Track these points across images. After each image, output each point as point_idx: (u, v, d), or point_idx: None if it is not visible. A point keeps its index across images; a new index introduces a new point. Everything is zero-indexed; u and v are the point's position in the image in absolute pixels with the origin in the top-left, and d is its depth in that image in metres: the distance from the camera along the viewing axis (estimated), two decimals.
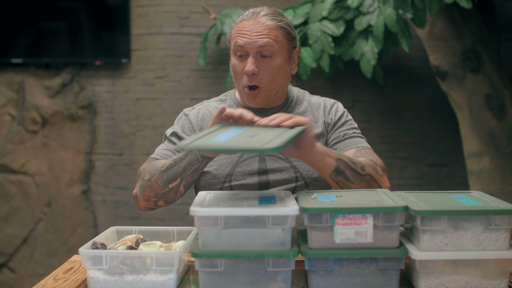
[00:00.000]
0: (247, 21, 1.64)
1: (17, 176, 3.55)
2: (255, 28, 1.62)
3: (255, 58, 1.62)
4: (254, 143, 1.21)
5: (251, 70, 1.61)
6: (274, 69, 1.64)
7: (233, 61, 1.67)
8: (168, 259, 1.23)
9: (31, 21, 3.45)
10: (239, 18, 1.69)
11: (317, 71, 3.28)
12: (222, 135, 1.31)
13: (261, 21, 1.63)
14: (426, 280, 1.23)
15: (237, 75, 1.67)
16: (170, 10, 3.49)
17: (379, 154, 3.47)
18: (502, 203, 1.25)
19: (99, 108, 3.53)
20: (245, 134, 1.32)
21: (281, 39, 1.65)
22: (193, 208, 1.21)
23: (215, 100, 1.81)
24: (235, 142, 1.24)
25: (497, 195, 2.84)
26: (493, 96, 2.93)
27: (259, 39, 1.61)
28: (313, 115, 1.74)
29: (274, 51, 1.63)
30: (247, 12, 1.68)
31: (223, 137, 1.29)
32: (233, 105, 1.76)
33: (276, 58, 1.64)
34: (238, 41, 1.63)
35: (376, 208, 1.20)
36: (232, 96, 1.79)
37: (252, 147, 1.20)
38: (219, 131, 1.36)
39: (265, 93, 1.65)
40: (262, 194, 1.37)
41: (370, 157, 1.68)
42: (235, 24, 1.68)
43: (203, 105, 1.79)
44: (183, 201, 3.54)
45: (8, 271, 3.57)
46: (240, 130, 1.36)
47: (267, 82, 1.64)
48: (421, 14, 2.56)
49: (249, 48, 1.62)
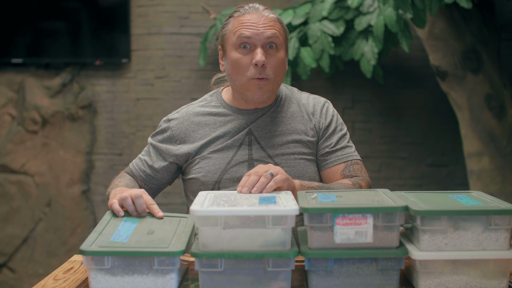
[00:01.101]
0: (250, 15, 1.64)
1: (17, 176, 3.55)
2: (260, 20, 1.62)
3: (263, 49, 1.61)
4: (159, 244, 1.25)
5: (262, 60, 1.59)
6: (279, 61, 1.63)
7: (235, 55, 1.63)
8: (169, 259, 1.23)
9: (31, 21, 3.45)
10: (237, 13, 1.67)
11: (317, 71, 3.28)
12: (118, 231, 1.33)
13: (264, 14, 1.64)
14: (426, 280, 1.23)
15: (241, 68, 1.62)
16: (170, 10, 3.49)
17: (379, 154, 3.49)
18: (502, 203, 1.25)
19: (99, 108, 3.53)
20: (141, 229, 1.34)
21: (282, 33, 1.66)
22: (193, 208, 1.21)
23: (199, 102, 1.77)
24: (136, 243, 1.26)
25: (497, 195, 2.84)
26: (493, 96, 2.93)
27: (267, 29, 1.61)
28: (302, 117, 1.72)
29: (280, 43, 1.63)
30: (245, 7, 1.67)
31: (122, 234, 1.31)
32: (220, 107, 1.73)
33: (280, 50, 1.64)
34: (244, 32, 1.61)
35: (376, 208, 1.20)
36: (218, 97, 1.75)
37: (158, 250, 1.22)
38: (114, 225, 1.37)
39: (271, 85, 1.64)
40: (262, 194, 1.37)
41: (357, 176, 1.68)
42: (234, 19, 1.66)
43: (185, 110, 1.76)
44: (183, 201, 3.54)
45: (8, 271, 3.57)
46: (134, 223, 1.37)
47: (273, 75, 1.63)
48: (421, 14, 2.56)
49: (257, 39, 1.61)
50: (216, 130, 1.69)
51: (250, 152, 1.66)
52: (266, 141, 1.67)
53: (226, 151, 1.67)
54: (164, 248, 1.23)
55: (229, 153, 1.67)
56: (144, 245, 1.25)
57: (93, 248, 1.23)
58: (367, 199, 1.28)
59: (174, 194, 3.49)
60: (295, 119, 1.71)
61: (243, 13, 1.65)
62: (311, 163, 1.69)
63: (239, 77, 1.63)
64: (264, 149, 1.66)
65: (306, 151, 1.69)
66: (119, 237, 1.29)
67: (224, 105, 1.73)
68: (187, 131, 1.71)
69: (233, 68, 1.64)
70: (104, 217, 1.41)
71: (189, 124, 1.72)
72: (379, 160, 3.48)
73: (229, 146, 1.67)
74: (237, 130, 1.68)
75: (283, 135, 1.68)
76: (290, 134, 1.69)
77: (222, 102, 1.73)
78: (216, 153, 1.67)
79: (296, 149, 1.68)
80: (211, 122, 1.71)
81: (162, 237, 1.29)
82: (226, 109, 1.72)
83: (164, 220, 1.41)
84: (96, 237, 1.29)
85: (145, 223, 1.38)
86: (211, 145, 1.68)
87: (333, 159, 1.70)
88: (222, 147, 1.67)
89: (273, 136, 1.67)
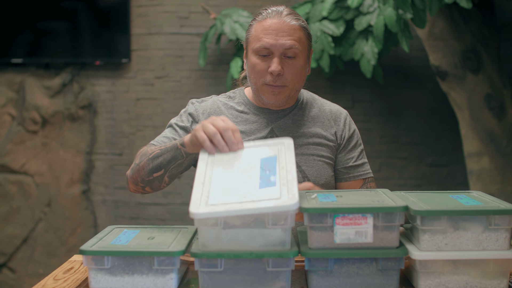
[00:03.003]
0: (272, 19, 1.63)
1: (17, 176, 3.55)
2: (281, 27, 1.61)
3: (280, 58, 1.62)
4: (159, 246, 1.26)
5: (277, 70, 1.61)
6: (298, 69, 1.64)
7: (254, 59, 1.65)
8: (169, 259, 1.23)
9: (31, 21, 3.45)
10: (260, 16, 1.67)
11: (317, 71, 3.28)
12: (118, 237, 1.34)
13: (286, 21, 1.62)
14: (426, 280, 1.23)
15: (257, 73, 1.65)
16: (170, 10, 3.49)
17: (379, 154, 3.49)
18: (502, 203, 1.25)
19: (99, 108, 3.53)
20: (142, 236, 1.35)
21: (304, 40, 1.65)
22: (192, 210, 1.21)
23: (223, 96, 1.80)
24: (137, 245, 1.27)
25: (497, 195, 2.84)
26: (493, 96, 2.93)
27: (286, 40, 1.61)
28: (323, 122, 1.74)
29: (298, 52, 1.63)
30: (268, 10, 1.66)
31: (122, 239, 1.32)
32: (241, 103, 1.74)
33: (299, 59, 1.64)
34: (264, 41, 1.61)
35: (376, 208, 1.20)
36: (241, 94, 1.78)
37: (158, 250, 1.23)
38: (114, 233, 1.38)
39: (288, 92, 1.65)
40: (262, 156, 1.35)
41: None
42: (257, 22, 1.66)
43: (212, 99, 1.77)
44: (183, 201, 3.55)
45: (8, 271, 3.57)
46: (135, 233, 1.38)
47: (291, 82, 1.64)
48: (421, 14, 2.56)
49: (275, 49, 1.61)
50: (239, 126, 1.70)
51: None
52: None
53: None
54: (164, 249, 1.23)
55: None
56: (144, 247, 1.25)
57: (93, 248, 1.23)
58: (367, 199, 1.28)
59: (174, 194, 3.49)
60: (316, 123, 1.74)
61: (265, 17, 1.65)
62: (329, 167, 1.72)
63: (255, 81, 1.66)
64: None
65: (325, 154, 1.72)
66: (120, 241, 1.30)
67: (247, 102, 1.75)
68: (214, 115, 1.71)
69: (251, 71, 1.67)
70: (104, 230, 1.43)
71: (215, 109, 1.73)
72: (379, 160, 3.48)
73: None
74: (260, 129, 1.70)
75: (304, 136, 1.71)
76: (311, 137, 1.71)
77: (245, 100, 1.75)
78: None
79: (316, 151, 1.70)
80: (234, 116, 1.72)
81: (162, 241, 1.30)
82: (248, 106, 1.73)
83: (164, 229, 1.42)
84: (97, 241, 1.30)
85: (146, 231, 1.40)
86: None
87: (355, 174, 1.77)
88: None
89: (294, 137, 1.68)
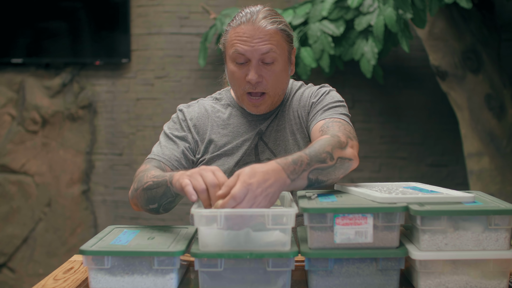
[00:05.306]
0: (245, 26, 1.55)
1: (17, 176, 3.55)
2: (255, 34, 1.54)
3: (258, 66, 1.56)
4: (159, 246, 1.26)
5: (255, 79, 1.56)
6: (277, 74, 1.59)
7: (231, 67, 1.59)
8: (169, 259, 1.23)
9: (31, 21, 3.45)
10: (234, 21, 1.59)
11: (317, 71, 3.28)
12: (118, 237, 1.34)
13: (261, 26, 1.54)
14: (426, 280, 1.23)
15: (236, 81, 1.60)
16: (170, 10, 3.49)
17: (379, 154, 3.49)
18: (502, 203, 1.25)
19: (99, 108, 3.53)
20: (142, 236, 1.35)
21: (282, 43, 1.59)
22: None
23: (210, 98, 1.76)
24: (137, 245, 1.27)
25: (497, 195, 2.84)
26: (493, 96, 2.93)
27: (261, 46, 1.54)
28: (303, 115, 1.67)
29: (276, 56, 1.57)
30: (242, 13, 1.59)
31: (122, 240, 1.32)
32: (228, 105, 1.71)
33: (278, 63, 1.58)
34: (238, 48, 1.55)
35: (376, 208, 1.20)
36: (227, 95, 1.74)
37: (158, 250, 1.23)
38: (114, 234, 1.38)
39: (269, 100, 1.61)
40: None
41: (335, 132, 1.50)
42: (231, 28, 1.59)
43: (199, 103, 1.74)
44: (183, 201, 3.54)
45: (8, 271, 3.57)
46: (134, 233, 1.38)
47: (271, 88, 1.59)
48: (421, 14, 2.56)
49: (251, 56, 1.55)
50: (225, 128, 1.68)
51: (257, 153, 1.66)
52: (273, 143, 1.66)
53: (236, 151, 1.66)
54: (164, 249, 1.23)
55: (238, 154, 1.65)
56: (144, 247, 1.25)
57: (93, 248, 1.24)
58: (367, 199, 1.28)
59: None
60: (299, 118, 1.68)
61: (238, 24, 1.57)
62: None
63: (236, 89, 1.63)
64: (272, 151, 1.65)
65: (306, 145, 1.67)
66: (120, 241, 1.30)
67: (233, 104, 1.71)
68: (200, 120, 1.69)
69: (231, 79, 1.62)
70: (104, 230, 1.43)
71: (202, 115, 1.69)
72: (379, 160, 3.49)
73: (239, 146, 1.66)
74: (246, 131, 1.67)
75: (290, 134, 1.66)
76: (295, 134, 1.67)
77: (231, 101, 1.72)
78: (224, 154, 1.66)
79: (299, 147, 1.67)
80: (221, 119, 1.69)
81: (162, 241, 1.30)
82: (235, 108, 1.70)
83: (164, 229, 1.42)
84: (97, 241, 1.30)
85: (146, 231, 1.40)
86: (218, 143, 1.66)
87: (317, 117, 1.61)
88: (232, 147, 1.66)
89: (278, 138, 1.66)
